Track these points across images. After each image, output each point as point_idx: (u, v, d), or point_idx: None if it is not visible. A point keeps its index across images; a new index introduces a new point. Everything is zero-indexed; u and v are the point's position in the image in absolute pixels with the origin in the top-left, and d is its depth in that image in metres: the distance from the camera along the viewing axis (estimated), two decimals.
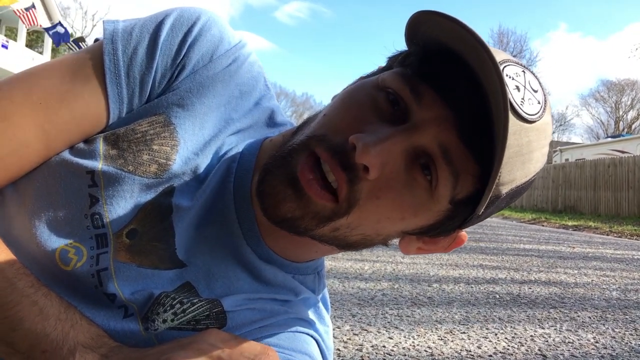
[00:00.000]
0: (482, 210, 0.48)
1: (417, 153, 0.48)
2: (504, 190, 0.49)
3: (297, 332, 0.58)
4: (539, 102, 0.49)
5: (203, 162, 0.56)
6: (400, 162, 0.48)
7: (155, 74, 0.54)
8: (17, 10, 16.90)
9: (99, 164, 0.52)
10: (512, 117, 0.46)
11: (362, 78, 0.57)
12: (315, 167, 0.48)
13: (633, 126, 37.90)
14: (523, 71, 0.49)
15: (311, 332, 0.60)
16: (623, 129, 37.40)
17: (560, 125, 40.66)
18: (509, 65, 0.49)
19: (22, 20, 17.26)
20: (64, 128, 0.52)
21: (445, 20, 0.45)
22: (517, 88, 0.47)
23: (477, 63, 0.44)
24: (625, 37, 69.67)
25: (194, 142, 0.55)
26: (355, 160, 0.46)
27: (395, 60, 0.54)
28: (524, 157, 0.48)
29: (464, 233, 0.56)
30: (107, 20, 0.55)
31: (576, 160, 17.48)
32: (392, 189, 0.48)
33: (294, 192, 0.48)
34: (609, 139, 22.46)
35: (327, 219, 0.49)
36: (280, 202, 0.49)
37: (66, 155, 0.52)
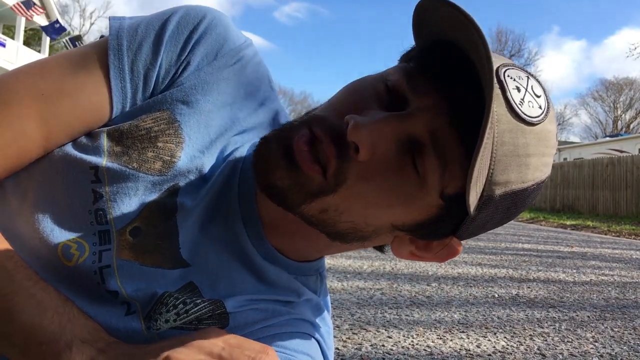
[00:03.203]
0: (473, 209, 0.46)
1: (410, 142, 0.48)
2: (498, 191, 0.47)
3: (299, 332, 0.58)
4: (540, 107, 0.48)
5: (208, 161, 0.56)
6: (391, 147, 0.48)
7: (160, 70, 0.54)
8: (15, 6, 16.87)
9: (103, 160, 0.52)
10: (507, 114, 0.45)
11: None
12: (310, 143, 0.49)
13: (631, 125, 38.00)
14: (527, 76, 0.49)
15: (313, 332, 0.59)
16: (621, 129, 37.48)
17: (559, 124, 40.67)
18: (511, 69, 0.48)
19: (20, 14, 17.19)
20: (65, 120, 0.51)
21: (443, 6, 0.45)
22: (517, 89, 0.47)
23: (470, 45, 0.44)
24: (618, 40, 70.37)
25: (200, 140, 0.55)
26: (347, 137, 0.47)
27: (403, 58, 0.56)
28: (520, 160, 0.47)
29: (458, 242, 0.54)
30: (112, 17, 0.55)
31: (574, 159, 17.52)
32: (382, 173, 0.48)
33: (287, 162, 0.48)
34: (607, 139, 22.54)
35: (313, 195, 0.49)
36: (272, 169, 0.49)
37: (69, 149, 0.52)
